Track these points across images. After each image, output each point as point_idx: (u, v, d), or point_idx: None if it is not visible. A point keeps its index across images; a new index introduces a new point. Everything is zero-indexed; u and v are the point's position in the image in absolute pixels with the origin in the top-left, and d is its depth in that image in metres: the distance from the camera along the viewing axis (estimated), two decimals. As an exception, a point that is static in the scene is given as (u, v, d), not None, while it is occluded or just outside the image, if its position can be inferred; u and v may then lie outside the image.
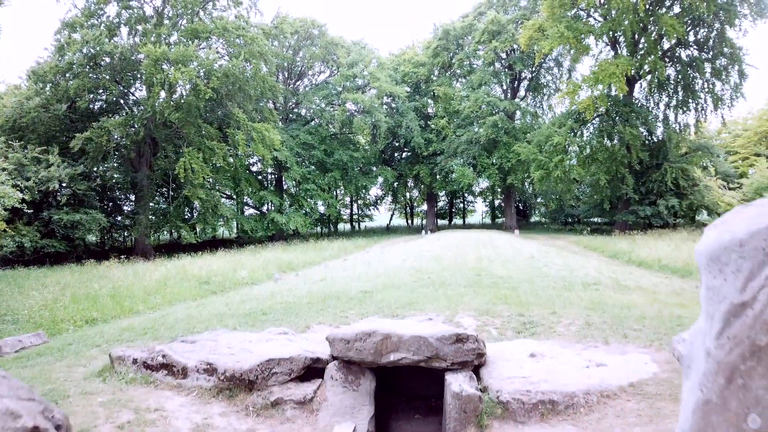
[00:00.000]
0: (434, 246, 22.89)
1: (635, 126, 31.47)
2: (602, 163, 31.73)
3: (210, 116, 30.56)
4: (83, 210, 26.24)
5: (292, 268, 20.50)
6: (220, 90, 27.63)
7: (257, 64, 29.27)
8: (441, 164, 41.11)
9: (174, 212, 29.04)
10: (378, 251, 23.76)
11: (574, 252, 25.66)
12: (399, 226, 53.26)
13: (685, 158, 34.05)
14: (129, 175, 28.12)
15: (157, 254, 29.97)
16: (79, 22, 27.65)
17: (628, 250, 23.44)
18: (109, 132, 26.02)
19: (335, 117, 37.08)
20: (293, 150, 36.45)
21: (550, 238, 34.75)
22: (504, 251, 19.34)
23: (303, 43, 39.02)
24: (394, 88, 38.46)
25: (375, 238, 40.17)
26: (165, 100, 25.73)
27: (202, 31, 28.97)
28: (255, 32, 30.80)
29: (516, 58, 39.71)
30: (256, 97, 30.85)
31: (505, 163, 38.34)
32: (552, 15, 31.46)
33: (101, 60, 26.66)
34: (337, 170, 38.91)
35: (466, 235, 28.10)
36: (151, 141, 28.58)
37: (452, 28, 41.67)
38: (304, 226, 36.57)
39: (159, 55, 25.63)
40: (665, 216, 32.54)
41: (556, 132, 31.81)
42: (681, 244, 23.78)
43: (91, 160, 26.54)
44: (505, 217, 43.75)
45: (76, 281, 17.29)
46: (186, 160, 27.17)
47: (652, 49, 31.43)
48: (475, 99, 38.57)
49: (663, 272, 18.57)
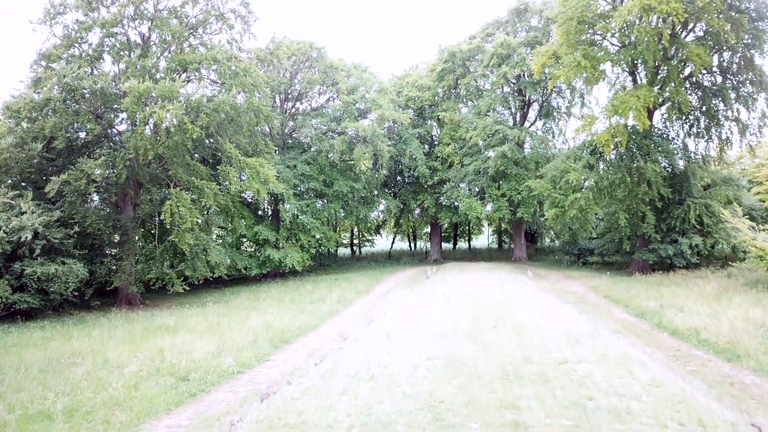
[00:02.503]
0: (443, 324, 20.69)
1: (656, 161, 29.32)
2: (621, 201, 29.58)
3: (199, 151, 28.43)
4: (60, 260, 24.09)
5: (284, 340, 18.30)
6: (209, 126, 25.50)
7: (250, 96, 27.13)
8: (447, 194, 38.98)
9: (160, 257, 26.89)
10: (380, 313, 21.58)
11: (594, 306, 23.50)
12: (402, 250, 51.08)
13: (709, 192, 31.91)
14: (111, 219, 25.97)
15: (142, 302, 27.91)
16: (57, 54, 25.54)
17: (656, 310, 21.19)
18: (88, 175, 23.88)
19: (335, 146, 34.94)
20: (290, 182, 34.33)
21: (564, 276, 32.56)
22: (528, 330, 17.05)
23: (300, 66, 36.93)
24: (397, 115, 36.36)
25: (377, 272, 38.01)
26: (149, 139, 23.57)
27: (190, 61, 26.86)
28: (247, 60, 28.71)
29: (526, 83, 37.59)
30: (250, 128, 28.72)
31: (515, 195, 36.21)
32: (567, 41, 29.31)
33: (80, 96, 24.53)
34: (337, 201, 36.80)
35: (476, 289, 25.84)
36: (134, 182, 26.47)
37: (458, 50, 39.54)
38: (301, 263, 34.45)
39: (142, 91, 23.51)
40: (688, 256, 30.37)
41: (572, 168, 29.65)
42: (714, 302, 21.59)
43: (69, 205, 24.41)
44: (514, 247, 41.68)
45: (39, 360, 15.18)
46: (173, 203, 25.03)
47: (674, 78, 29.29)
48: (482, 127, 36.46)
49: (704, 349, 16.38)
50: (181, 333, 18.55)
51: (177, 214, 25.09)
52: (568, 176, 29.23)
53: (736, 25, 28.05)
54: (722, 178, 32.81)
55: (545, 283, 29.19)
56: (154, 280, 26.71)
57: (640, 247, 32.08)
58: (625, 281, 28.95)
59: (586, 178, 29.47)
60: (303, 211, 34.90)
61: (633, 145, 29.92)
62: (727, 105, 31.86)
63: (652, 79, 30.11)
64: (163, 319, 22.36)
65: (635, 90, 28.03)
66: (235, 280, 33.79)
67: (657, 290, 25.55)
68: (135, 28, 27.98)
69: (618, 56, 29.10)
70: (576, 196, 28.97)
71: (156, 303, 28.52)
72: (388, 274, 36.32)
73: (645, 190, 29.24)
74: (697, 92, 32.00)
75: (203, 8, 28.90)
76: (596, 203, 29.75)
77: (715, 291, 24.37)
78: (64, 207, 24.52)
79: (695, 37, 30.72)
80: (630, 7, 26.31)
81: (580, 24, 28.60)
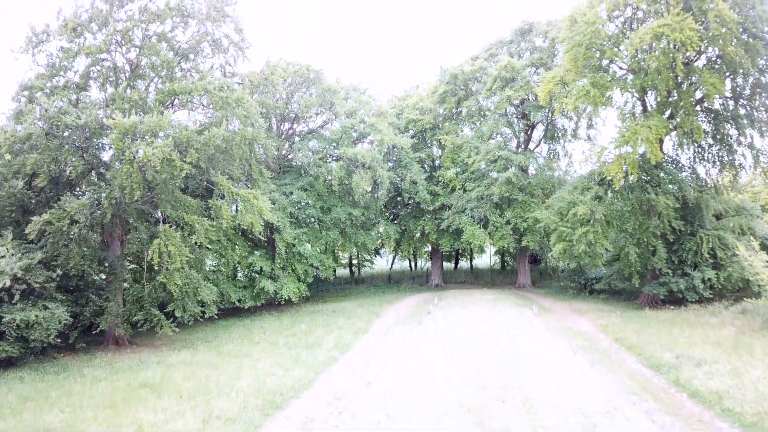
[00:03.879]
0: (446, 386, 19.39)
1: (668, 192, 28.09)
2: (631, 235, 28.36)
3: (190, 184, 27.21)
4: (41, 304, 22.83)
5: (276, 404, 16.96)
6: (199, 160, 24.28)
7: (244, 128, 25.90)
8: (448, 220, 37.74)
9: (148, 297, 25.64)
10: (379, 369, 20.31)
11: (605, 352, 22.19)
12: (402, 271, 49.65)
13: (721, 222, 30.69)
14: (97, 258, 24.74)
15: (131, 341, 26.66)
16: (39, 86, 24.32)
17: (672, 363, 19.88)
18: (71, 215, 22.63)
19: (333, 172, 33.68)
20: (286, 210, 33.09)
21: (572, 310, 31.25)
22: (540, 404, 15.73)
23: (297, 89, 35.73)
24: (397, 139, 35.14)
25: (376, 301, 36.72)
26: (135, 178, 22.32)
27: (180, 91, 25.65)
28: (240, 88, 27.48)
29: (531, 106, 36.33)
30: (244, 158, 27.52)
31: (520, 223, 34.95)
32: (574, 67, 28.09)
33: (64, 129, 23.30)
34: (335, 228, 35.55)
35: (481, 334, 24.52)
36: (121, 219, 25.26)
37: (460, 71, 38.29)
38: (297, 294, 33.19)
39: (128, 127, 22.29)
40: (701, 290, 29.12)
41: (580, 200, 28.40)
42: (733, 352, 20.32)
43: (51, 246, 23.15)
44: (518, 272, 40.43)
45: None
46: (161, 242, 23.78)
47: (686, 104, 28.08)
48: (485, 152, 35.21)
49: (728, 420, 15.09)
50: (165, 396, 17.27)
51: (165, 253, 23.84)
52: (576, 209, 27.98)
53: (752, 51, 26.88)
54: (735, 207, 31.62)
55: (552, 320, 27.90)
56: (141, 322, 25.45)
57: (650, 280, 30.85)
58: (635, 319, 27.66)
59: (595, 211, 28.17)
60: (300, 240, 33.64)
61: (643, 174, 28.66)
62: (740, 131, 30.70)
63: (663, 106, 28.89)
64: (149, 371, 21.06)
65: (646, 120, 26.80)
66: (228, 312, 32.51)
67: (670, 333, 24.30)
68: (123, 54, 26.80)
69: (628, 83, 27.88)
70: (584, 230, 27.72)
71: (145, 342, 27.28)
72: (388, 304, 35.02)
73: (656, 223, 28.01)
74: (708, 118, 30.79)
75: (195, 34, 27.72)
76: (605, 237, 28.50)
77: (733, 335, 23.14)
78: (46, 248, 23.27)
79: (707, 60, 29.53)
80: (642, 35, 25.11)
81: (589, 50, 27.39)
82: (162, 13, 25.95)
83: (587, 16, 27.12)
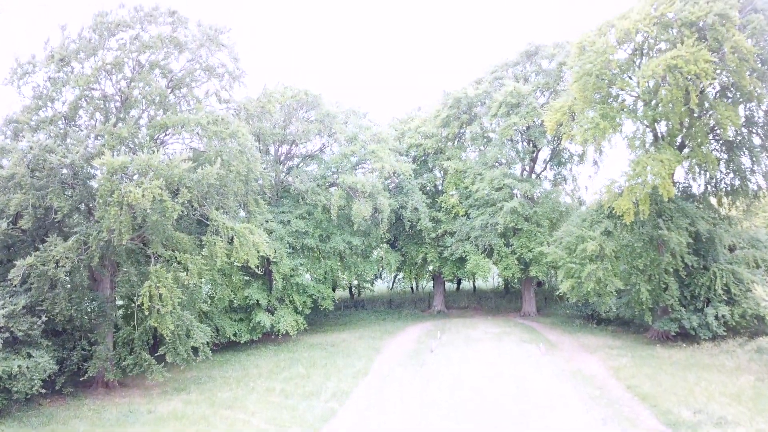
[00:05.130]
0: None
1: (681, 227, 26.98)
2: (642, 272, 27.26)
3: (182, 219, 26.11)
4: (25, 351, 21.72)
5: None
6: (192, 200, 23.22)
7: (239, 163, 24.81)
8: (451, 248, 36.62)
9: (138, 341, 24.53)
10: (378, 414, 19.21)
11: (618, 404, 21.02)
12: (403, 293, 48.21)
13: (735, 255, 29.59)
14: (84, 301, 23.63)
15: (121, 384, 25.54)
16: (25, 120, 23.26)
17: (690, 421, 18.77)
18: (57, 260, 21.54)
19: (332, 201, 32.55)
20: (283, 240, 31.97)
21: (579, 345, 30.07)
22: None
23: (295, 112, 34.66)
24: (398, 166, 34.04)
25: (377, 331, 35.54)
26: (124, 221, 21.22)
27: (173, 124, 24.61)
28: (235, 118, 26.43)
29: (537, 132, 35.18)
30: (239, 194, 26.47)
31: (525, 254, 33.81)
32: (583, 97, 26.99)
33: (49, 170, 22.20)
34: (334, 258, 34.45)
35: (486, 384, 23.34)
36: (110, 261, 24.18)
37: (464, 95, 37.17)
38: (294, 327, 32.05)
39: (117, 167, 21.21)
40: (714, 327, 28.00)
41: (589, 235, 27.28)
42: (755, 408, 19.25)
43: (36, 290, 22.05)
44: (523, 301, 39.32)
45: None
46: (152, 284, 22.67)
47: (700, 135, 27.03)
48: (490, 180, 34.09)
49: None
50: None
51: (156, 296, 22.74)
52: (585, 245, 26.87)
53: (767, 79, 25.92)
54: (748, 239, 30.54)
55: (560, 361, 26.73)
56: (131, 366, 24.32)
57: (661, 314, 29.75)
58: (647, 360, 26.49)
59: (604, 247, 27.05)
60: (297, 270, 32.51)
61: (654, 208, 27.53)
62: (754, 159, 29.68)
63: (674, 136, 27.81)
64: (137, 425, 20.03)
65: (658, 152, 25.72)
66: (224, 346, 31.35)
67: (685, 379, 23.24)
68: (113, 84, 25.74)
69: (639, 115, 26.82)
70: (593, 267, 26.60)
71: (136, 383, 26.15)
72: (389, 337, 33.86)
73: (669, 260, 26.89)
74: (721, 146, 29.72)
75: (189, 63, 26.69)
76: (615, 275, 27.38)
77: (752, 385, 22.08)
78: (31, 291, 22.15)
79: (720, 87, 28.43)
80: (654, 66, 24.04)
81: (599, 79, 26.31)
82: (154, 44, 24.91)
83: (597, 45, 26.07)
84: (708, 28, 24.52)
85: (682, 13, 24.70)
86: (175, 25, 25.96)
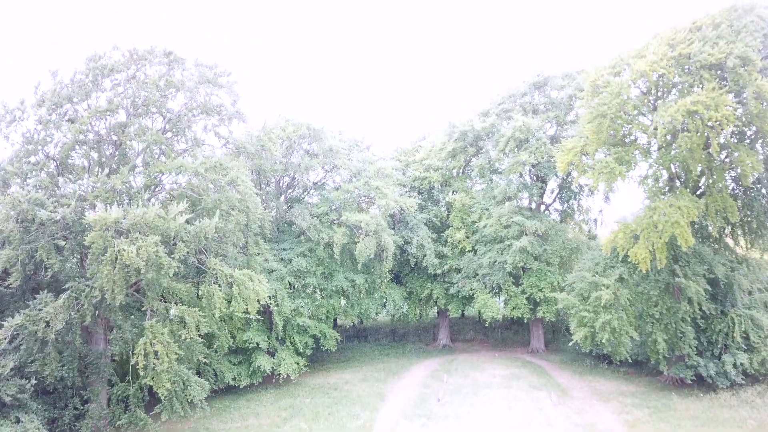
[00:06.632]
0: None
1: (698, 274, 25.91)
2: (658, 320, 26.20)
3: (180, 269, 25.08)
4: (14, 415, 20.71)
5: None
6: (189, 254, 22.20)
7: (238, 214, 23.77)
8: (458, 284, 35.51)
9: (133, 398, 23.47)
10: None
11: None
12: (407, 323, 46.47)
13: (754, 300, 28.49)
14: (76, 361, 22.57)
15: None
16: (14, 170, 22.23)
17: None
18: (47, 321, 20.49)
19: (335, 239, 31.45)
20: (284, 279, 30.90)
21: (592, 393, 28.91)
22: None
23: (297, 145, 33.62)
24: (403, 201, 32.98)
25: (380, 372, 34.35)
26: (117, 279, 20.17)
27: (168, 171, 23.61)
28: (234, 163, 25.40)
29: (546, 168, 34.02)
30: (238, 244, 25.43)
31: (535, 293, 32.73)
32: (596, 139, 25.94)
33: (39, 225, 21.15)
34: (337, 296, 33.36)
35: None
36: (103, 319, 23.15)
37: (470, 128, 36.11)
38: (296, 370, 30.96)
39: (110, 223, 20.17)
40: (732, 376, 26.91)
41: (603, 282, 26.20)
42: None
43: (26, 351, 21.00)
44: (532, 337, 38.19)
45: None
46: (147, 341, 21.64)
47: (719, 179, 26.00)
48: (498, 216, 33.02)
49: None
50: None
51: (152, 353, 21.68)
52: (599, 293, 25.79)
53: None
54: (766, 284, 29.44)
55: (572, 413, 25.63)
56: (126, 426, 23.25)
57: (676, 360, 28.64)
58: (664, 413, 25.34)
59: (619, 295, 25.98)
60: (298, 311, 31.41)
61: (670, 253, 26.44)
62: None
63: (694, 182, 26.75)
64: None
65: (676, 200, 24.62)
66: (223, 391, 30.19)
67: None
68: (107, 127, 24.71)
69: (654, 159, 25.80)
70: (608, 317, 25.51)
71: (131, 436, 25.06)
72: (393, 378, 32.72)
73: (686, 308, 25.82)
74: (739, 188, 28.62)
75: (186, 104, 25.71)
76: (630, 324, 26.31)
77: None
78: (20, 351, 21.09)
79: (738, 131, 27.34)
80: (673, 112, 22.98)
81: (613, 122, 25.28)
82: (149, 87, 23.91)
83: (612, 87, 24.99)
84: (728, 71, 23.47)
85: (701, 54, 23.65)
86: (172, 66, 24.98)
